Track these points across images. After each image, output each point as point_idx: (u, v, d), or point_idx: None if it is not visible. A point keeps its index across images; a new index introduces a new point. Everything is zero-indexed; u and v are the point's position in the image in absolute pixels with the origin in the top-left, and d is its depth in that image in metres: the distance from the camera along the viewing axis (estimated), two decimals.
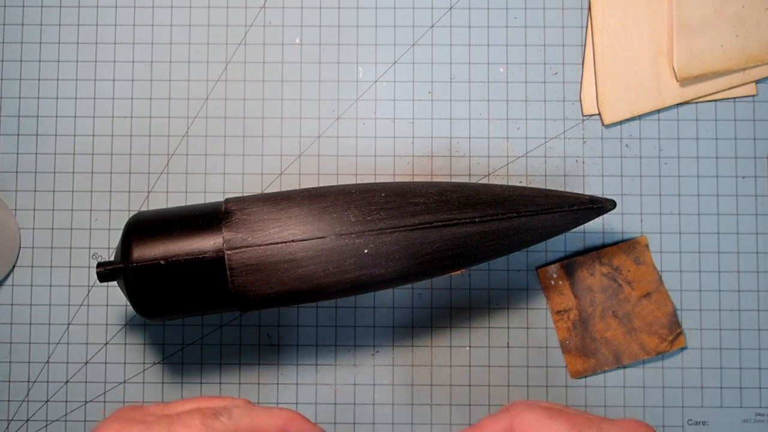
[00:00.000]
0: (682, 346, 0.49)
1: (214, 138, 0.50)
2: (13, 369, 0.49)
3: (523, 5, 0.51)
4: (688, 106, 0.50)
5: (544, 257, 0.50)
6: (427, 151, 0.50)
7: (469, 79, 0.50)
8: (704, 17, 0.49)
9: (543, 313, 0.49)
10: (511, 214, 0.41)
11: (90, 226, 0.50)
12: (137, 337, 0.49)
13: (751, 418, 0.49)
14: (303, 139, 0.50)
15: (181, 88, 0.50)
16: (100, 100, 0.50)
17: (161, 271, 0.40)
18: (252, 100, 0.50)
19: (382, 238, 0.40)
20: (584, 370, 0.49)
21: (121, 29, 0.51)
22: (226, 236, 0.40)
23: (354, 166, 0.50)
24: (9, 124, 0.50)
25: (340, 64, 0.51)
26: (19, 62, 0.50)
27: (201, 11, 0.51)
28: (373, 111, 0.50)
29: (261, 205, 0.41)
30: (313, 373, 0.49)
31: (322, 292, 0.41)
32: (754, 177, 0.50)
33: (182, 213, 0.42)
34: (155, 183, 0.50)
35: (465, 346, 0.49)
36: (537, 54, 0.51)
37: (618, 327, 0.49)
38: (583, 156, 0.50)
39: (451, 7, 0.51)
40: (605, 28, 0.50)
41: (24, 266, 0.50)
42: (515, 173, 0.50)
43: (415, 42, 0.51)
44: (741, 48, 0.49)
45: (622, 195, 0.50)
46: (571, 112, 0.50)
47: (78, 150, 0.50)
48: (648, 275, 0.49)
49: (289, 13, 0.51)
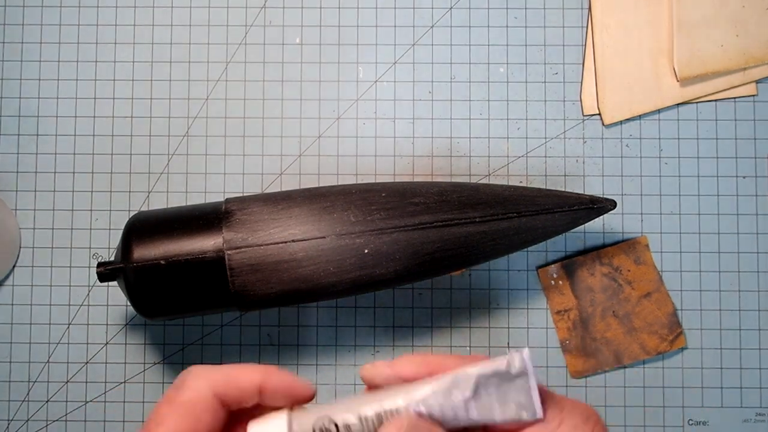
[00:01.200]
0: (682, 346, 0.49)
1: (214, 138, 0.50)
2: (13, 369, 0.49)
3: (523, 5, 0.51)
4: (688, 106, 0.50)
5: (544, 257, 0.50)
6: (428, 151, 0.50)
7: (469, 79, 0.50)
8: (704, 17, 0.49)
9: (543, 313, 0.49)
10: (511, 214, 0.41)
11: (90, 226, 0.50)
12: (138, 337, 0.49)
13: (751, 418, 0.49)
14: (303, 139, 0.50)
15: (181, 88, 0.50)
16: (101, 100, 0.50)
17: (161, 271, 0.40)
18: (252, 100, 0.50)
19: (383, 238, 0.40)
20: (584, 370, 0.49)
21: (122, 29, 0.51)
22: (227, 236, 0.40)
23: (354, 166, 0.50)
24: (9, 124, 0.50)
25: (341, 64, 0.51)
26: (20, 62, 0.50)
27: (201, 11, 0.51)
28: (374, 111, 0.50)
29: (261, 205, 0.41)
30: (313, 373, 0.49)
31: (322, 292, 0.41)
32: (754, 177, 0.50)
33: (182, 213, 0.42)
34: (155, 183, 0.50)
35: (465, 346, 0.49)
36: (537, 54, 0.51)
37: (618, 327, 0.49)
38: (583, 156, 0.50)
39: (451, 7, 0.51)
40: (605, 28, 0.50)
41: (24, 266, 0.50)
42: (515, 173, 0.50)
43: (415, 42, 0.51)
44: (741, 48, 0.49)
45: (622, 195, 0.50)
46: (571, 112, 0.50)
47: (78, 150, 0.50)
48: (648, 275, 0.49)
49: (290, 13, 0.51)
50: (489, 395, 0.28)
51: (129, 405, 0.49)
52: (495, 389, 0.28)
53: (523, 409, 0.28)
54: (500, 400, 0.28)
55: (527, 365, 0.28)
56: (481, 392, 0.28)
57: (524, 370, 0.28)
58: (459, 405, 0.28)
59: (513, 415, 0.28)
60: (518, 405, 0.28)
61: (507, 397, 0.28)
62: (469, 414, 0.28)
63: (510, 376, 0.28)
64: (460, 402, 0.28)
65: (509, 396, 0.28)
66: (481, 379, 0.28)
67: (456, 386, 0.28)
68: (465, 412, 0.28)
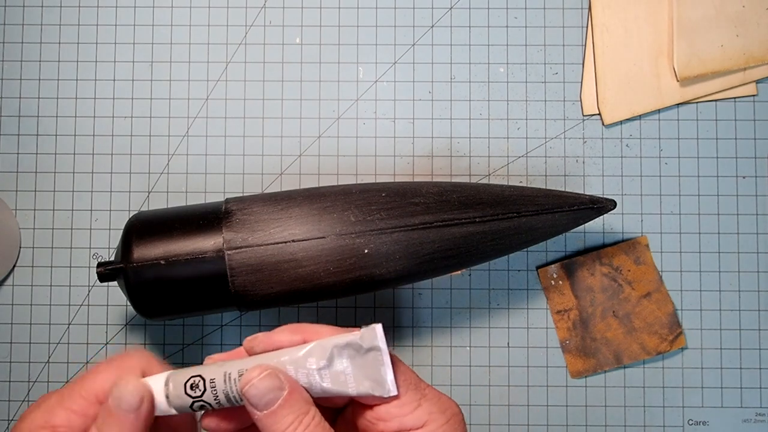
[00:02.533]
0: (682, 346, 0.49)
1: (214, 138, 0.50)
2: (14, 369, 0.49)
3: (523, 5, 0.51)
4: (688, 106, 0.50)
5: (544, 257, 0.50)
6: (428, 151, 0.50)
7: (469, 79, 0.50)
8: (704, 17, 0.49)
9: (543, 313, 0.49)
10: (511, 214, 0.41)
11: (90, 226, 0.50)
12: (137, 337, 0.49)
13: (751, 418, 0.49)
14: (303, 139, 0.50)
15: (181, 88, 0.50)
16: (101, 100, 0.50)
17: (161, 271, 0.40)
18: (252, 100, 0.50)
19: (383, 238, 0.40)
20: (584, 370, 0.49)
21: (122, 29, 0.51)
22: (227, 236, 0.40)
23: (354, 166, 0.50)
24: (9, 124, 0.50)
25: (341, 64, 0.51)
26: (20, 62, 0.50)
27: (201, 11, 0.51)
28: (374, 111, 0.50)
29: (261, 205, 0.41)
30: None
31: (322, 292, 0.41)
32: (754, 177, 0.50)
33: (182, 213, 0.42)
34: (155, 183, 0.50)
35: (465, 346, 0.49)
36: (537, 54, 0.51)
37: (618, 327, 0.49)
38: (583, 156, 0.50)
39: (451, 7, 0.51)
40: (605, 28, 0.50)
41: (24, 266, 0.50)
42: (515, 173, 0.50)
43: (415, 42, 0.51)
44: (741, 48, 0.49)
45: (622, 195, 0.50)
46: (571, 112, 0.50)
47: (78, 150, 0.50)
48: (648, 275, 0.49)
49: (290, 13, 0.51)
50: (343, 367, 0.29)
51: None
52: (349, 361, 0.29)
53: (377, 384, 0.29)
54: (355, 374, 0.29)
55: (379, 340, 0.29)
56: (335, 363, 0.29)
57: (376, 346, 0.29)
58: (313, 373, 0.29)
59: (366, 390, 0.29)
60: (372, 381, 0.29)
61: (362, 372, 0.29)
62: (323, 383, 0.29)
63: (363, 350, 0.29)
64: (314, 370, 0.29)
65: (365, 371, 0.29)
66: (335, 350, 0.29)
67: (311, 354, 0.29)
68: (319, 381, 0.29)
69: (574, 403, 0.49)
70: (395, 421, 0.29)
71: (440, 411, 0.29)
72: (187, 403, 0.30)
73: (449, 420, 0.29)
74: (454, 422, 0.29)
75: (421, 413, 0.29)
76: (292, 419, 0.28)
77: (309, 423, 0.28)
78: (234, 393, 0.29)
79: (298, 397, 0.29)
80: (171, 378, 0.30)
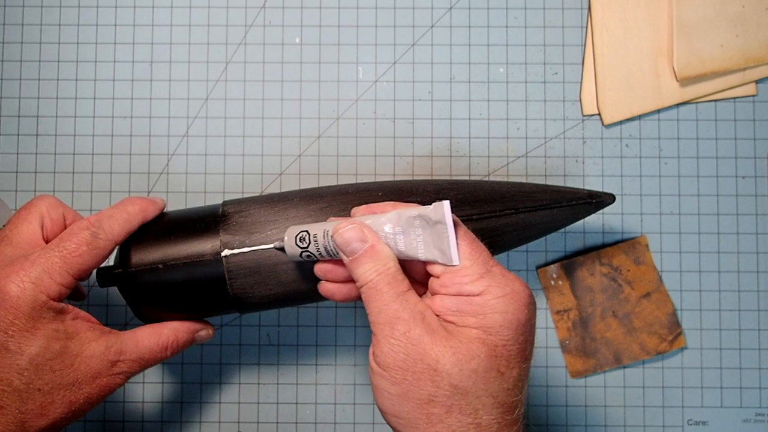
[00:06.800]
0: (682, 346, 0.49)
1: (214, 138, 0.50)
2: None
3: (523, 5, 0.51)
4: (688, 106, 0.50)
5: (544, 257, 0.50)
6: (427, 151, 0.50)
7: (469, 79, 0.50)
8: (704, 17, 0.49)
9: (543, 313, 0.49)
10: (509, 211, 0.41)
11: None
12: None
13: (751, 418, 0.49)
14: (303, 139, 0.50)
15: (181, 88, 0.50)
16: (100, 100, 0.50)
17: (160, 275, 0.39)
18: (252, 100, 0.50)
19: None
20: (584, 370, 0.49)
21: (121, 29, 0.51)
22: (224, 239, 0.39)
23: (354, 166, 0.50)
24: (9, 124, 0.50)
25: (340, 64, 0.51)
26: (19, 62, 0.50)
27: (201, 11, 0.51)
28: (373, 111, 0.50)
29: (258, 207, 0.41)
30: (313, 373, 0.49)
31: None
32: (754, 177, 0.50)
33: (180, 216, 0.42)
34: (155, 183, 0.50)
35: None
36: (537, 54, 0.50)
37: (618, 327, 0.49)
38: (583, 156, 0.50)
39: (451, 7, 0.51)
40: (605, 28, 0.50)
41: None
42: (515, 173, 0.50)
43: (415, 42, 0.51)
44: (741, 48, 0.49)
45: (622, 195, 0.50)
46: (571, 112, 0.50)
47: (78, 150, 0.50)
48: (648, 275, 0.49)
49: (289, 13, 0.51)
50: (416, 234, 0.34)
51: (128, 405, 0.49)
52: (422, 231, 0.34)
53: (442, 253, 0.33)
54: (425, 242, 0.34)
55: (445, 216, 0.33)
56: (409, 230, 0.34)
57: (442, 219, 0.33)
58: (390, 236, 0.34)
59: (434, 257, 0.34)
60: (439, 249, 0.33)
61: (432, 240, 0.34)
62: (398, 245, 0.34)
63: (432, 222, 0.33)
64: (390, 234, 0.34)
65: (433, 240, 0.33)
66: (410, 220, 0.34)
67: (390, 221, 0.34)
68: (394, 244, 0.34)
69: (574, 403, 0.49)
70: (455, 286, 0.33)
71: (499, 285, 0.33)
72: (297, 252, 0.36)
73: (506, 294, 0.33)
74: (511, 298, 0.33)
75: (480, 284, 0.33)
76: (371, 266, 0.34)
77: (383, 271, 0.34)
78: (330, 246, 0.35)
79: (380, 249, 0.34)
80: (288, 231, 0.37)
